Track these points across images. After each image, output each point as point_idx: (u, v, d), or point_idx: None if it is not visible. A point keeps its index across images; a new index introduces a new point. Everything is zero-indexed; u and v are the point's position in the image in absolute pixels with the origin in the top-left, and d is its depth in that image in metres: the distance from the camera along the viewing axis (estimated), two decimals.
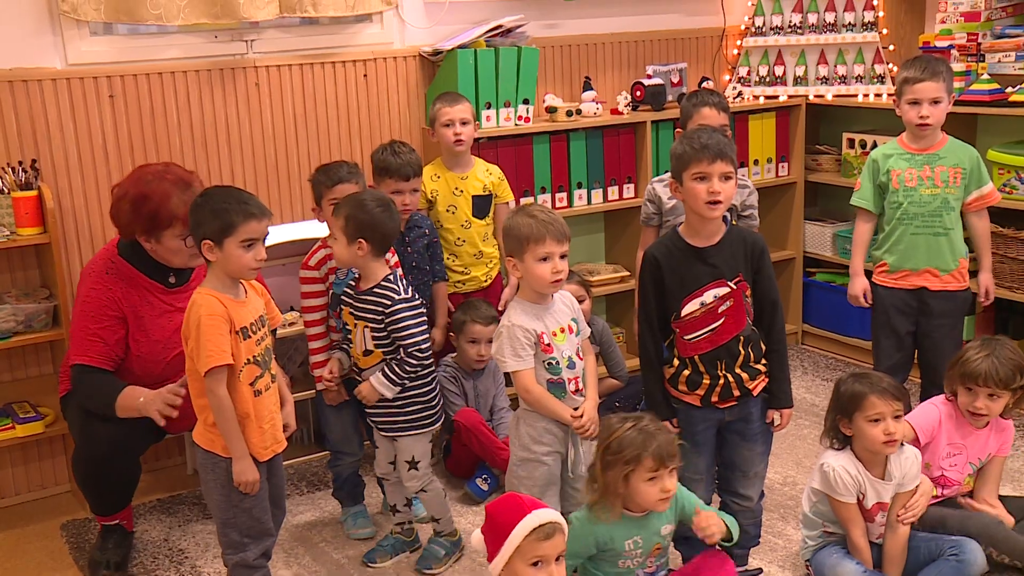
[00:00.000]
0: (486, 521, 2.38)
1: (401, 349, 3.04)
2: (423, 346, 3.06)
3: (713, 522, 2.64)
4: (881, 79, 4.73)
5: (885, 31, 4.73)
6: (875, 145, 4.49)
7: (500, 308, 3.80)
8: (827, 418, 2.96)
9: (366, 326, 3.05)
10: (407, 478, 3.16)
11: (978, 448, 3.11)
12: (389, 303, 3.01)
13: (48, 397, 3.34)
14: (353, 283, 3.11)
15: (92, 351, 3.11)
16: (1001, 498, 3.16)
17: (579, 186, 4.40)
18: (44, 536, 3.52)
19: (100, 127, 3.68)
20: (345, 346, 3.20)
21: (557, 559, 2.31)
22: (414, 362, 3.04)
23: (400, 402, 3.10)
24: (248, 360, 2.68)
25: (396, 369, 3.04)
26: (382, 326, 3.03)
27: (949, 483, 3.09)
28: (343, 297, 3.12)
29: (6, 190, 3.45)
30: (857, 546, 2.92)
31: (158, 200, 3.06)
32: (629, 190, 4.52)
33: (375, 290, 3.04)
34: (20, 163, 3.49)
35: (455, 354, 3.80)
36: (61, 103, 3.60)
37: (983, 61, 4.36)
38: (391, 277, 3.07)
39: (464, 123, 3.73)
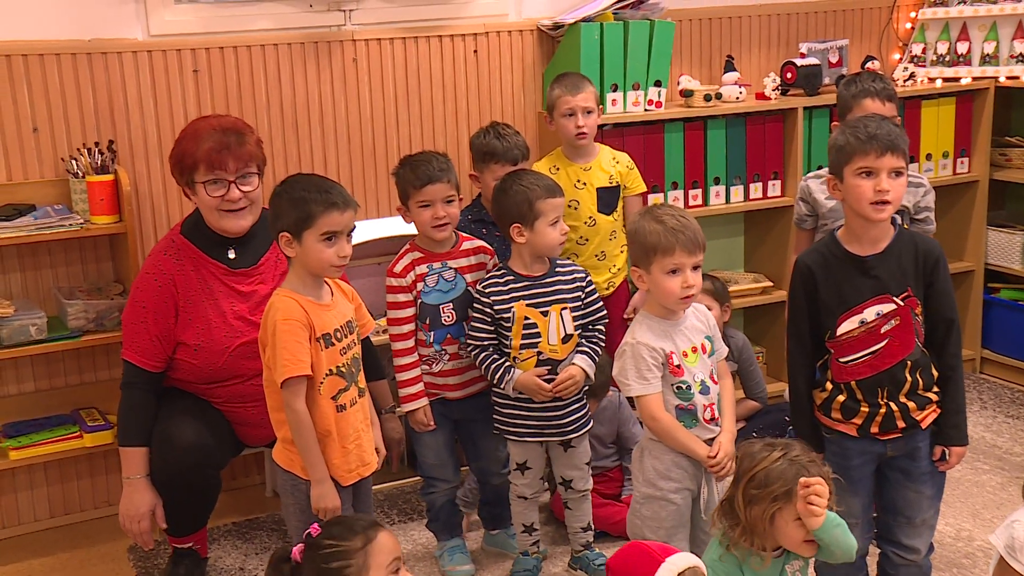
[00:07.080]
0: None
1: (596, 324, 3.19)
2: None
3: None
4: None
5: None
6: None
7: (627, 316, 3.72)
8: None
9: (564, 308, 3.12)
10: (585, 480, 3.25)
11: None
12: (584, 274, 3.19)
13: (118, 404, 3.35)
14: (514, 274, 3.14)
15: (139, 343, 3.17)
16: None
17: (716, 182, 4.33)
18: (110, 558, 3.56)
19: (183, 105, 3.72)
20: (502, 352, 3.15)
21: None
22: (603, 336, 3.19)
23: (580, 394, 3.19)
24: (330, 371, 2.71)
25: (596, 347, 3.17)
26: (582, 303, 3.15)
27: None
28: (515, 292, 3.13)
29: (81, 174, 3.49)
30: None
31: (187, 141, 3.13)
32: (775, 187, 4.44)
33: (559, 269, 3.17)
34: (96, 144, 3.54)
35: None
36: (142, 78, 3.65)
37: None
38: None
39: (588, 112, 3.67)
